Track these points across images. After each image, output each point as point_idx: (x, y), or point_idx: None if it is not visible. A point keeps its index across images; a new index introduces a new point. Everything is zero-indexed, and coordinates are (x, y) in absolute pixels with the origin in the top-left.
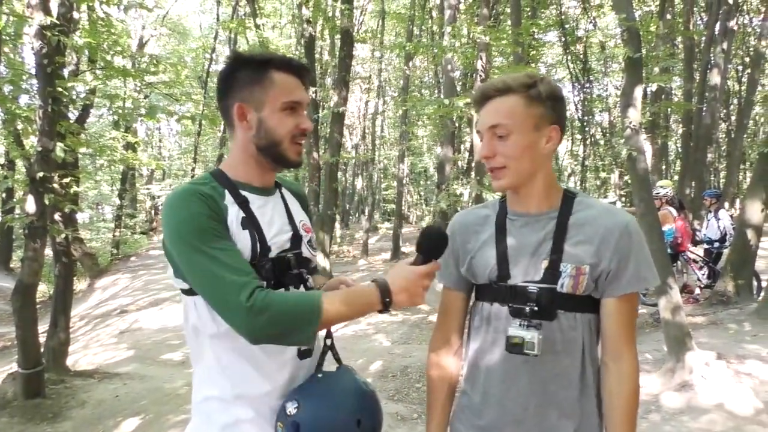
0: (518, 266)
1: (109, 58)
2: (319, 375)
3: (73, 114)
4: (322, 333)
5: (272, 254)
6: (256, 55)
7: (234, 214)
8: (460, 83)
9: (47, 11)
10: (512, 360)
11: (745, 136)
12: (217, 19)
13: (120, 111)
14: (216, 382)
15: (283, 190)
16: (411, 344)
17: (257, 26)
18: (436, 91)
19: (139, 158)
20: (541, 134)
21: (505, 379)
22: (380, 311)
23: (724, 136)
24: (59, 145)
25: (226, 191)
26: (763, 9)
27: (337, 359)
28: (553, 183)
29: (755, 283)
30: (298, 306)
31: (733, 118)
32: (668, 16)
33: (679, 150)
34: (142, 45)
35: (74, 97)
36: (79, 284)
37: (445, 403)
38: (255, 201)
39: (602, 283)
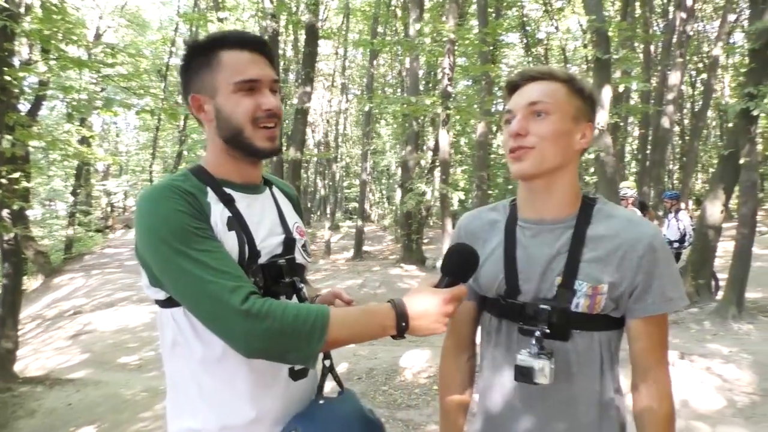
0: (529, 282)
1: (63, 47)
2: (321, 401)
3: (24, 106)
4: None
5: (262, 260)
6: (206, 37)
7: (219, 213)
8: (424, 82)
9: None
10: (523, 386)
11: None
12: (178, 12)
13: (74, 103)
14: (198, 411)
15: (274, 190)
16: (376, 345)
17: (219, 20)
18: (399, 90)
19: (94, 153)
20: (578, 128)
21: (514, 405)
22: (394, 337)
23: (677, 138)
24: (7, 137)
25: (209, 188)
26: (716, 16)
27: (339, 383)
28: (576, 188)
29: (713, 283)
30: (302, 320)
31: (686, 121)
32: (629, 20)
33: (635, 152)
34: (98, 36)
35: (25, 88)
36: (31, 284)
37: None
38: (241, 200)
39: (624, 303)
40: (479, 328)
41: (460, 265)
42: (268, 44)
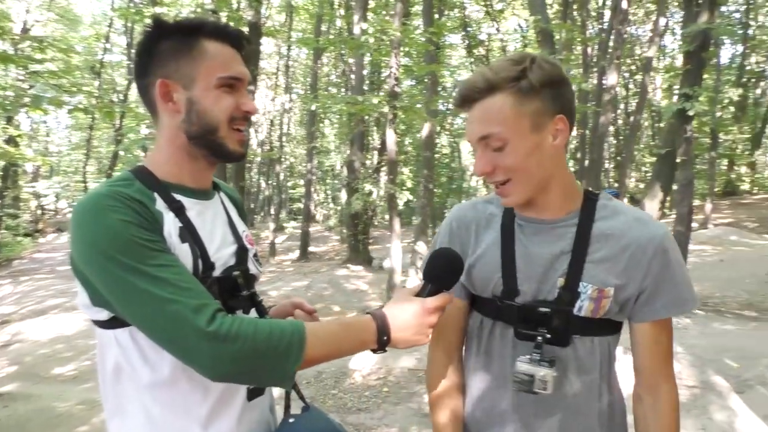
0: (528, 282)
1: None
2: (291, 420)
3: None
4: None
5: (216, 272)
6: (184, 20)
7: (170, 223)
8: (368, 81)
9: None
10: (519, 395)
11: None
12: (112, 6)
13: None
14: None
15: (222, 195)
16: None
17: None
18: (343, 89)
19: (21, 153)
20: (545, 132)
21: (507, 416)
22: (374, 351)
23: (612, 138)
24: None
25: (156, 194)
26: (647, 19)
27: (303, 399)
28: (572, 184)
29: None
30: (276, 339)
31: (620, 122)
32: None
33: (574, 151)
34: (26, 30)
35: None
36: None
37: None
38: (192, 207)
39: (630, 306)
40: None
41: (443, 271)
42: (248, 39)
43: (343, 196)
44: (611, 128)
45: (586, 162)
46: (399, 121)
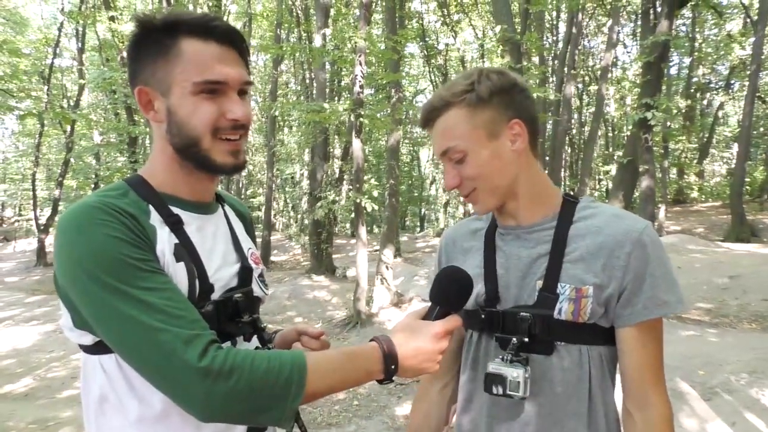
0: (509, 288)
1: None
2: None
3: None
4: None
5: (215, 295)
6: (162, 16)
7: (165, 240)
8: (328, 90)
9: None
10: (498, 403)
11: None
12: (62, 10)
13: None
14: None
15: (226, 208)
16: None
17: (111, 18)
18: (303, 97)
19: None
20: (502, 138)
21: (491, 427)
22: (381, 381)
23: (567, 147)
24: None
25: (151, 207)
26: (600, 32)
27: (303, 430)
28: (544, 186)
29: None
30: (275, 374)
31: (574, 131)
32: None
33: None
34: None
35: None
36: None
37: None
38: (191, 221)
39: (612, 308)
40: None
41: (452, 291)
42: (242, 36)
43: (305, 204)
44: (566, 138)
45: (546, 170)
46: (367, 130)
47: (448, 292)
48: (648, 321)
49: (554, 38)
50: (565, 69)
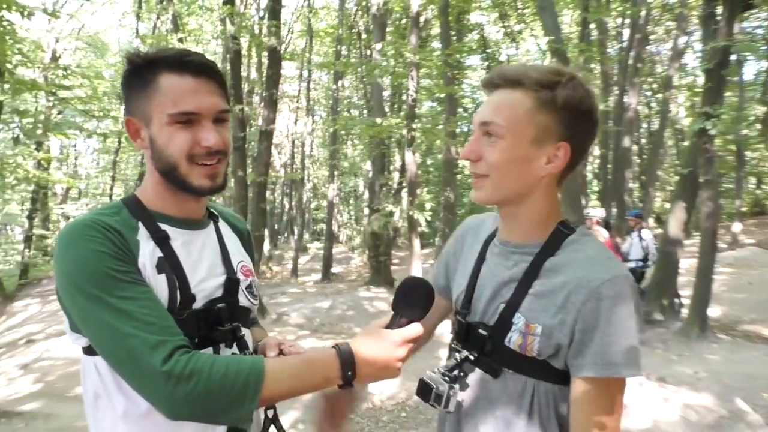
0: (479, 302)
1: (17, 70)
2: None
3: None
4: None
5: (198, 304)
6: (145, 54)
7: (148, 254)
8: (389, 103)
9: None
10: (446, 414)
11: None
12: (137, 33)
13: (21, 126)
14: None
15: (220, 224)
16: None
17: (180, 40)
18: (365, 111)
19: (47, 176)
20: (542, 151)
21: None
22: (341, 386)
23: (637, 158)
24: None
25: (140, 224)
26: (668, 38)
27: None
28: (549, 214)
29: (677, 301)
30: (232, 378)
31: (643, 141)
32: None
33: (597, 171)
34: (55, 58)
35: None
36: None
37: None
38: (178, 237)
39: (564, 353)
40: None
41: (413, 301)
42: (216, 68)
43: (367, 217)
44: (635, 148)
45: (609, 182)
46: (420, 142)
47: (409, 301)
48: (597, 378)
49: (620, 45)
50: (626, 77)
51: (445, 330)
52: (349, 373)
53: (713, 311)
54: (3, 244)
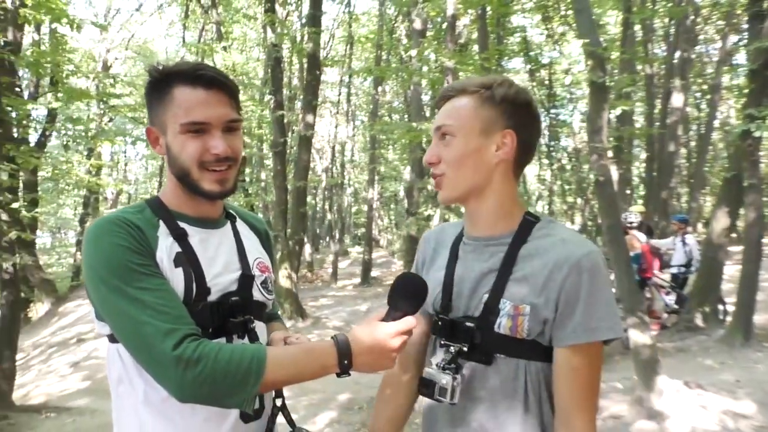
0: (460, 298)
1: (70, 79)
2: None
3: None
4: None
5: (212, 297)
6: (162, 67)
7: (166, 249)
8: (429, 107)
9: None
10: (439, 406)
11: (706, 161)
12: (183, 42)
13: (70, 133)
14: None
15: (238, 224)
16: (379, 374)
17: (225, 48)
18: (405, 116)
19: (96, 180)
20: (490, 140)
21: (435, 427)
22: (338, 375)
23: (685, 161)
24: (3, 167)
25: (161, 222)
26: (718, 38)
27: (291, 422)
28: (512, 204)
29: (721, 308)
30: (236, 363)
31: (693, 144)
32: (629, 43)
33: (643, 175)
34: (106, 68)
35: (32, 119)
36: (38, 311)
37: None
38: (195, 234)
39: (549, 328)
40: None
41: (406, 296)
42: (228, 80)
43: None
44: (683, 150)
45: (653, 186)
46: None
47: (402, 296)
48: (579, 345)
49: (668, 46)
50: (672, 79)
51: None
52: (346, 362)
53: (758, 319)
54: (57, 247)
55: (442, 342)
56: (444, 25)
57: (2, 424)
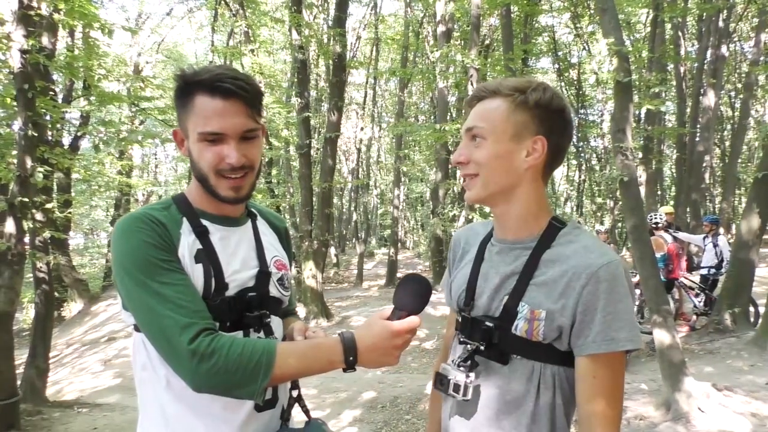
0: (482, 298)
1: (102, 83)
2: None
3: (67, 139)
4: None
5: (230, 292)
6: (186, 75)
7: (188, 245)
8: (455, 108)
9: (29, 34)
10: (451, 400)
11: (739, 161)
12: (212, 45)
13: (102, 137)
14: None
15: (259, 222)
16: (402, 373)
17: (252, 51)
18: (432, 117)
19: (126, 180)
20: (521, 145)
21: (451, 424)
22: (344, 370)
23: (718, 161)
24: (38, 169)
25: (185, 219)
26: (753, 35)
27: (307, 413)
28: (539, 208)
29: (752, 310)
30: (247, 357)
31: (727, 143)
32: (659, 42)
33: (674, 175)
34: (138, 71)
35: (66, 122)
36: (71, 310)
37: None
38: (216, 232)
39: (566, 335)
40: None
41: (410, 296)
42: (247, 90)
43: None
44: (717, 150)
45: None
46: None
47: (407, 297)
48: (599, 354)
49: (699, 45)
50: (704, 78)
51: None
52: (351, 358)
53: None
54: (90, 248)
55: (461, 339)
56: (470, 27)
57: (36, 419)
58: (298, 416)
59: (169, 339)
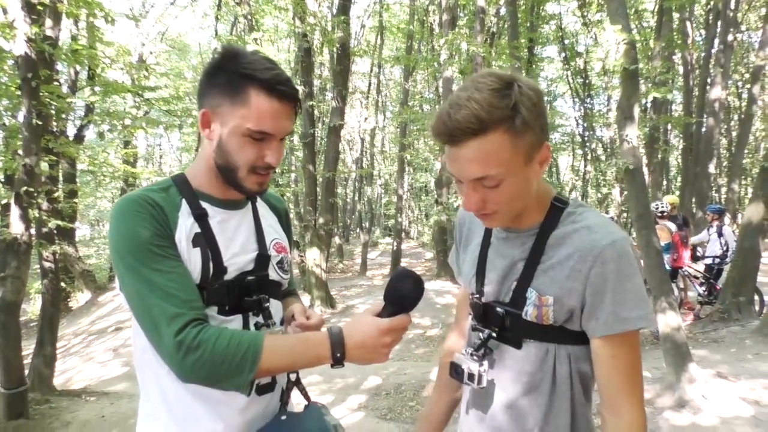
0: (491, 284)
1: (106, 73)
2: (283, 417)
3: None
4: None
5: (229, 276)
6: (241, 65)
7: (186, 229)
8: None
9: (33, 22)
10: (467, 387)
11: (746, 151)
12: (215, 34)
13: (106, 127)
14: (159, 419)
15: (258, 203)
16: (406, 361)
17: (255, 40)
18: (437, 106)
19: (131, 170)
20: (534, 161)
21: (468, 409)
22: (332, 365)
23: (725, 151)
24: (43, 160)
25: (184, 201)
26: (761, 24)
27: (306, 396)
28: (544, 194)
29: (757, 299)
30: (233, 351)
31: (734, 133)
32: (665, 30)
33: (680, 165)
34: (142, 61)
35: (71, 109)
36: (78, 300)
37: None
38: (216, 215)
39: (577, 317)
40: None
41: (402, 294)
42: (298, 94)
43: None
44: (724, 140)
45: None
46: None
47: (398, 293)
48: (614, 335)
49: (706, 34)
50: (711, 67)
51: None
52: (338, 354)
53: None
54: (96, 239)
55: (474, 325)
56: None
57: (44, 408)
58: (297, 400)
59: (156, 328)
